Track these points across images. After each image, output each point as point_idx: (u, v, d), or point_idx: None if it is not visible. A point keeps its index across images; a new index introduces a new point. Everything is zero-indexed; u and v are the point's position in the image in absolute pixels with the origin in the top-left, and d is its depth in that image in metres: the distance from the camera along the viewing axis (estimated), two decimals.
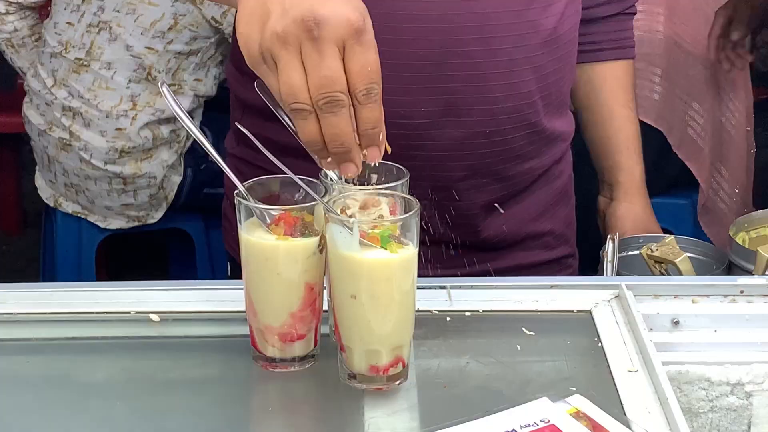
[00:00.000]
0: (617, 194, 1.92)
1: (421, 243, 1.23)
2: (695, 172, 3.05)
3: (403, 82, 1.52)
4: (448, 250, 1.66)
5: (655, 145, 2.98)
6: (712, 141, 3.08)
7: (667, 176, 3.07)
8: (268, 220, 1.22)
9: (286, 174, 1.25)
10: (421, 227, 1.22)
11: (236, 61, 1.66)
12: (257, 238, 1.22)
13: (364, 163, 1.21)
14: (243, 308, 1.27)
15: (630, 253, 1.73)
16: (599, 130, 1.93)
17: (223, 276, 3.25)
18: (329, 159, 1.18)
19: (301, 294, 1.23)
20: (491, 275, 1.64)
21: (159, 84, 1.30)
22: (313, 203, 1.22)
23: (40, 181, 3.24)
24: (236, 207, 1.25)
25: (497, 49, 1.55)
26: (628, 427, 1.14)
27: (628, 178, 1.92)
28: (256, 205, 1.23)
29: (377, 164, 1.23)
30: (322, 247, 1.23)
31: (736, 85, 3.12)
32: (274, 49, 1.13)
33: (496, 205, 1.65)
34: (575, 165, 1.83)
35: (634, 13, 1.95)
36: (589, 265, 1.80)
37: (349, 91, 1.14)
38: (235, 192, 1.25)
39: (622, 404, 1.20)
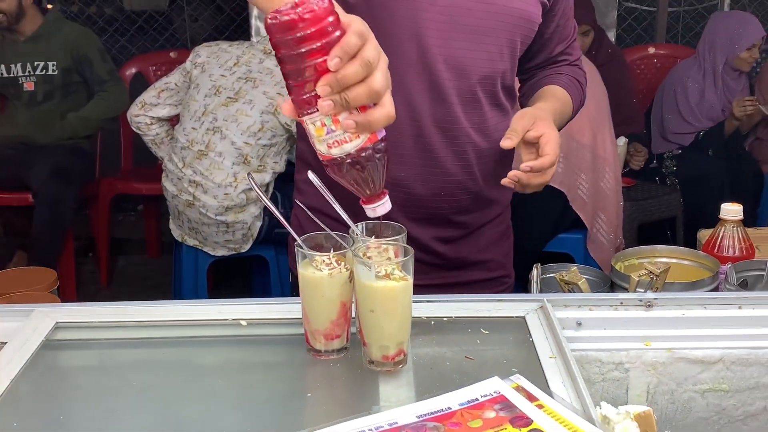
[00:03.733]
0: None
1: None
2: (583, 219, 3.02)
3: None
4: (427, 266, 1.59)
5: (560, 200, 2.96)
6: (594, 198, 3.05)
7: (568, 220, 3.04)
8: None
9: (326, 231, 1.21)
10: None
11: (300, 152, 1.62)
12: (310, 273, 1.18)
13: (378, 223, 1.19)
14: (300, 316, 1.22)
15: (548, 275, 1.69)
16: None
17: (287, 285, 3.23)
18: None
19: (337, 309, 1.19)
20: (455, 285, 1.58)
21: (246, 174, 1.26)
22: (345, 250, 1.18)
23: (172, 225, 3.20)
24: (295, 252, 1.20)
25: (455, 141, 1.49)
26: (551, 396, 1.09)
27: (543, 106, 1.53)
28: (308, 252, 1.19)
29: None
30: (351, 278, 1.18)
31: (608, 162, 3.10)
32: None
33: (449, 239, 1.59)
34: (513, 217, 1.76)
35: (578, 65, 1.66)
36: (525, 279, 1.74)
37: None
38: (295, 243, 1.20)
39: (546, 380, 1.16)
